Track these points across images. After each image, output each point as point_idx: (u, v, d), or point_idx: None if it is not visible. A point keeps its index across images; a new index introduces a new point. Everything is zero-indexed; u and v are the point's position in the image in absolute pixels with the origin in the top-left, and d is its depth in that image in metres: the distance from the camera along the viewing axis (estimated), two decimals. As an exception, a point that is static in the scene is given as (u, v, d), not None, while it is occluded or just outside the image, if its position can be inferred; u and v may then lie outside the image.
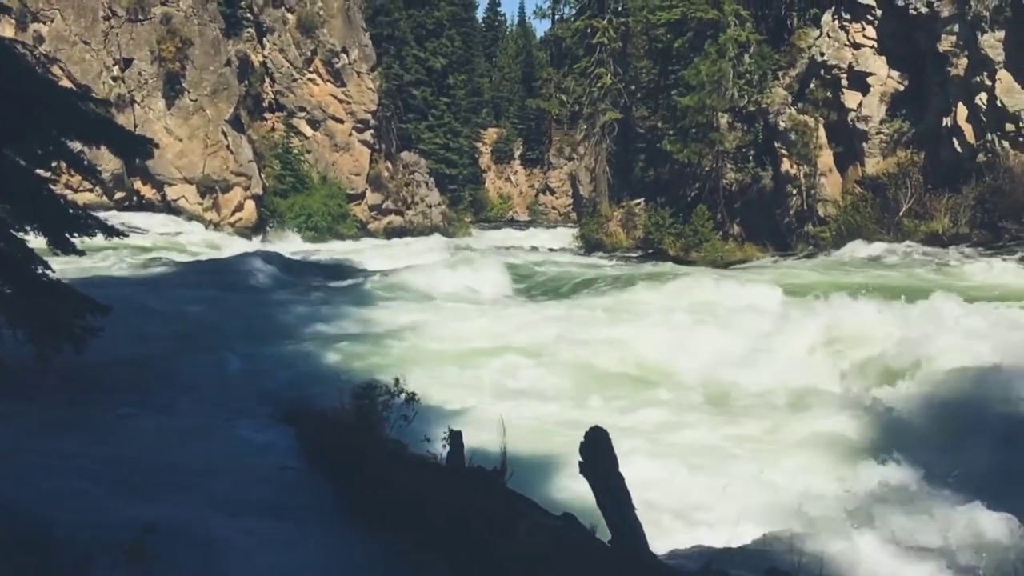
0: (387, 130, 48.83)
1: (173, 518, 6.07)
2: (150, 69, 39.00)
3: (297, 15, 44.01)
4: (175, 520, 6.02)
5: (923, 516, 7.31)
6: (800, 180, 32.41)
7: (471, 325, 15.96)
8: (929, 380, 10.73)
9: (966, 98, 28.18)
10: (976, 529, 7.01)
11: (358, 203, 45.91)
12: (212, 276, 22.37)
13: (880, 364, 11.85)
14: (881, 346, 12.38)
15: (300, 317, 16.66)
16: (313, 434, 8.87)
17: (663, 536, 6.50)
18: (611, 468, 5.59)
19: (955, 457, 8.59)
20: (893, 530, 6.92)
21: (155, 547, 4.55)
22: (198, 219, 39.12)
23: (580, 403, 11.33)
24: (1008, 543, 6.81)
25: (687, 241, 33.42)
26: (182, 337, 14.08)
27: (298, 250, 33.43)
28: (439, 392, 10.77)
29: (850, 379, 11.82)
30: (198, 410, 10.25)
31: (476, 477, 6.69)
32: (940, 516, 7.29)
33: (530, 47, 77.64)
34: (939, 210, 27.83)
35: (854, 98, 31.83)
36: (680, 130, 34.78)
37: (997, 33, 27.08)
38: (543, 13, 54.89)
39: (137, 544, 4.55)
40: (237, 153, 39.87)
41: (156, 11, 39.11)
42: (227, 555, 6.00)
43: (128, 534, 4.61)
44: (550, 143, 67.48)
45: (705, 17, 33.64)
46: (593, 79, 42.47)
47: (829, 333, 13.42)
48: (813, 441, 9.75)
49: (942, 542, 6.86)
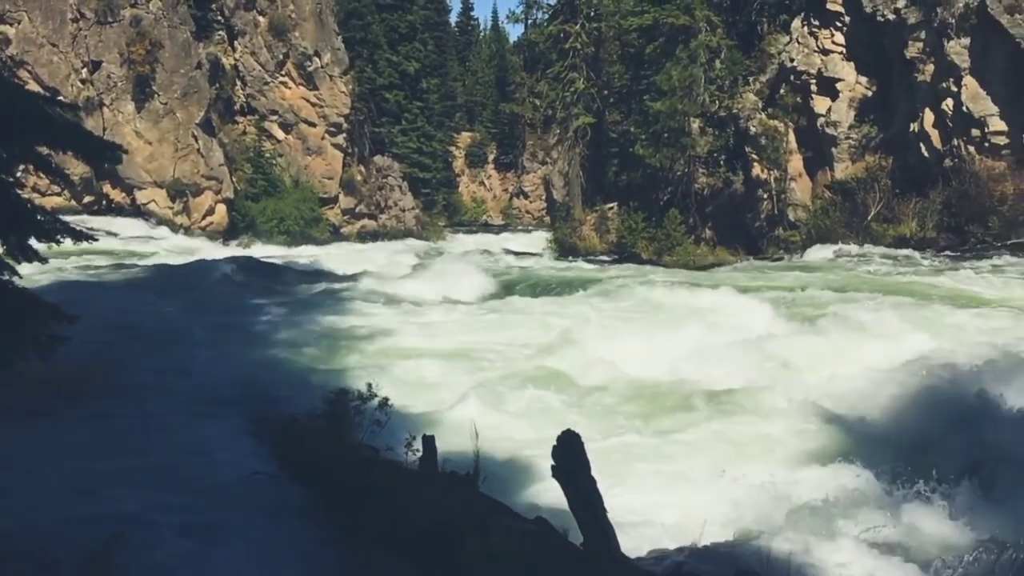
0: (360, 134, 48.65)
1: (140, 526, 6.00)
2: (119, 72, 38.59)
3: (269, 18, 43.75)
4: (142, 528, 5.96)
5: (888, 515, 7.41)
6: (770, 184, 32.74)
7: (444, 329, 15.94)
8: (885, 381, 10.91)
9: (933, 104, 28.62)
10: (939, 528, 7.12)
11: (331, 207, 45.69)
12: (182, 281, 22.15)
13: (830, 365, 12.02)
14: (827, 347, 12.65)
15: (271, 322, 16.56)
16: (285, 440, 8.82)
17: (633, 538, 6.53)
18: (583, 471, 5.63)
19: (918, 457, 8.71)
20: (859, 529, 7.01)
21: (121, 555, 4.51)
22: (168, 223, 38.75)
23: (553, 408, 11.34)
24: (970, 542, 6.93)
25: (660, 245, 33.61)
26: (149, 343, 13.92)
27: (270, 254, 33.19)
28: (412, 397, 10.74)
29: (801, 380, 11.92)
30: (166, 416, 10.15)
31: (449, 482, 6.70)
32: (905, 515, 7.39)
33: (503, 51, 77.73)
34: (907, 214, 28.24)
35: (823, 103, 32.22)
36: (652, 135, 34.99)
37: (963, 40, 27.53)
38: (516, 18, 55.01)
39: (102, 552, 4.50)
40: (208, 157, 39.54)
41: (125, 13, 38.70)
42: (195, 563, 5.95)
43: (93, 542, 4.56)
44: (524, 147, 67.62)
45: (677, 23, 33.88)
46: (566, 84, 42.61)
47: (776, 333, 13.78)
48: (772, 442, 9.83)
49: (907, 541, 6.96)
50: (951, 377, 10.75)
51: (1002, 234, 26.09)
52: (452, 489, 6.52)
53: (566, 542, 5.75)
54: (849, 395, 10.76)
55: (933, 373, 10.84)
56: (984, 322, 14.06)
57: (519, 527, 6.25)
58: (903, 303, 15.73)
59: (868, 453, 8.98)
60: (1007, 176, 26.65)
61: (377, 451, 7.75)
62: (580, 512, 5.53)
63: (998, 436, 9.02)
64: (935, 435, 9.45)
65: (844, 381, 11.21)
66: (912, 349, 12.01)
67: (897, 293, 17.16)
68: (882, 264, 24.04)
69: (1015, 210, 26.16)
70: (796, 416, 10.26)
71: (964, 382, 10.59)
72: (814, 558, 6.32)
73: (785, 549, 6.28)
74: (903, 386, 10.83)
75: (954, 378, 10.76)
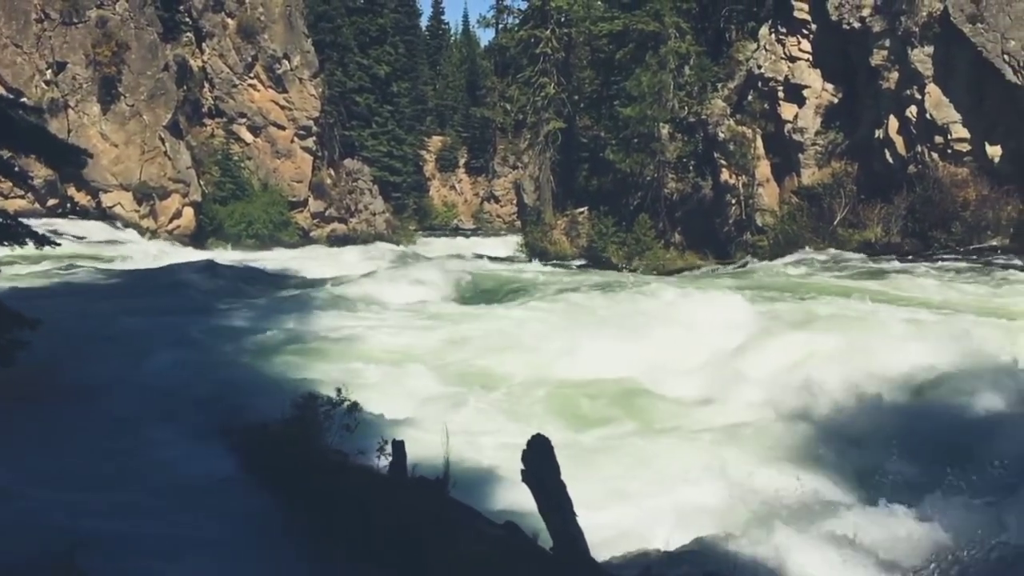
0: (330, 137, 48.42)
1: (105, 532, 5.92)
2: (85, 73, 38.07)
3: (237, 20, 43.40)
4: (108, 534, 5.89)
5: (856, 517, 7.50)
6: (739, 190, 33.05)
7: (413, 333, 15.89)
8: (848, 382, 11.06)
9: (897, 111, 29.06)
10: (906, 529, 7.21)
11: (300, 210, 45.42)
12: (148, 285, 21.91)
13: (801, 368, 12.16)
14: (783, 348, 12.83)
15: (238, 327, 16.40)
16: (253, 445, 8.74)
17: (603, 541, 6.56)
18: (553, 476, 5.64)
19: (886, 459, 8.83)
20: (824, 530, 7.08)
21: (86, 562, 4.44)
22: (135, 226, 38.29)
23: (523, 412, 11.35)
24: (938, 544, 7.02)
25: (630, 249, 33.79)
26: (116, 348, 13.73)
27: (238, 258, 32.90)
28: (381, 402, 10.68)
29: (760, 382, 12.04)
30: (133, 422, 10.02)
31: (419, 487, 6.68)
32: (872, 517, 7.48)
33: (474, 56, 77.64)
34: (872, 219, 28.62)
35: (790, 110, 32.60)
36: (622, 140, 35.19)
37: (926, 48, 28.00)
38: (487, 22, 54.94)
39: (67, 560, 4.43)
40: (175, 159, 39.14)
41: (91, 14, 38.20)
42: (163, 570, 5.88)
43: (58, 549, 4.49)
44: (495, 151, 67.59)
45: (646, 29, 34.12)
46: (537, 88, 42.74)
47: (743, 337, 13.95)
48: (736, 443, 9.91)
49: (875, 543, 7.04)
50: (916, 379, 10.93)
51: (964, 239, 26.56)
52: (421, 494, 6.51)
53: (535, 546, 5.76)
54: (812, 397, 10.88)
55: (897, 375, 11.00)
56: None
57: (488, 532, 6.25)
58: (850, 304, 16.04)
59: (836, 455, 9.09)
60: (969, 182, 27.14)
61: (347, 456, 7.71)
62: (549, 516, 5.54)
63: (966, 437, 9.20)
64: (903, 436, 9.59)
65: (808, 382, 11.34)
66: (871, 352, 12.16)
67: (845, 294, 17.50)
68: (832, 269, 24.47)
69: (977, 216, 26.64)
70: (760, 418, 10.35)
71: (927, 384, 10.79)
72: (781, 560, 6.39)
73: (752, 551, 6.34)
74: (869, 388, 10.99)
75: (920, 381, 10.95)
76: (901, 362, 11.47)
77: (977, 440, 9.23)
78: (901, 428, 9.65)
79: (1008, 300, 16.61)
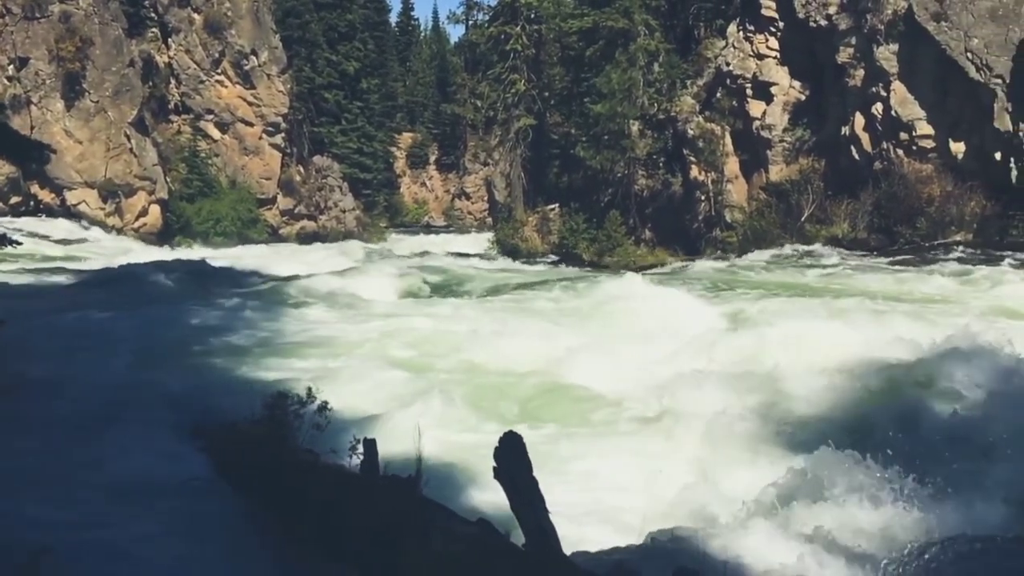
0: (299, 134, 48.07)
1: (70, 538, 5.82)
2: (48, 69, 37.44)
3: (204, 15, 42.93)
4: (72, 540, 5.78)
5: (823, 509, 7.57)
6: (708, 186, 33.27)
7: (384, 331, 15.81)
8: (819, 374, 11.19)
9: (863, 108, 29.43)
10: (879, 522, 7.28)
11: (269, 208, 45.04)
12: (114, 284, 21.60)
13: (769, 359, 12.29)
14: (772, 339, 12.97)
15: (206, 326, 16.21)
16: (222, 445, 8.64)
17: (575, 538, 6.57)
18: (525, 472, 5.63)
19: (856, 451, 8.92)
20: (794, 524, 7.15)
21: (49, 571, 4.35)
22: (100, 224, 37.75)
23: (493, 410, 11.34)
24: (906, 534, 7.10)
25: (600, 246, 33.88)
26: (81, 349, 13.52)
27: (205, 256, 32.54)
28: (353, 401, 10.62)
29: (725, 375, 12.16)
30: (100, 423, 9.85)
31: (390, 486, 6.64)
32: (844, 510, 7.55)
33: (444, 52, 77.48)
34: (839, 215, 28.98)
35: (758, 107, 32.88)
36: (593, 137, 35.27)
37: (892, 46, 28.38)
38: (457, 18, 54.77)
39: (30, 568, 4.34)
40: (141, 156, 38.63)
41: (54, 9, 37.58)
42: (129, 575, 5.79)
43: (19, 558, 4.39)
44: (465, 148, 67.53)
45: (616, 26, 34.21)
46: (507, 85, 42.67)
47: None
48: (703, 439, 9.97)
49: (841, 535, 7.11)
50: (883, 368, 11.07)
51: (929, 235, 26.97)
52: (393, 493, 6.47)
53: (508, 543, 5.76)
54: (784, 390, 10.98)
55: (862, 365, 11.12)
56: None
57: (461, 530, 6.23)
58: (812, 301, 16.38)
59: (805, 448, 9.16)
60: (934, 178, 27.57)
61: (317, 456, 7.65)
62: (521, 513, 5.53)
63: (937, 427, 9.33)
64: (873, 427, 9.70)
65: (776, 375, 11.44)
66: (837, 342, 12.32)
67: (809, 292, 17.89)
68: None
69: (941, 211, 27.06)
70: (727, 412, 10.41)
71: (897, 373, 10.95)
72: (752, 555, 6.44)
73: (723, 546, 6.38)
74: (836, 379, 11.10)
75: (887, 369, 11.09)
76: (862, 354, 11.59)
77: (942, 432, 9.36)
78: (867, 420, 9.77)
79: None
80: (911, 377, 11.01)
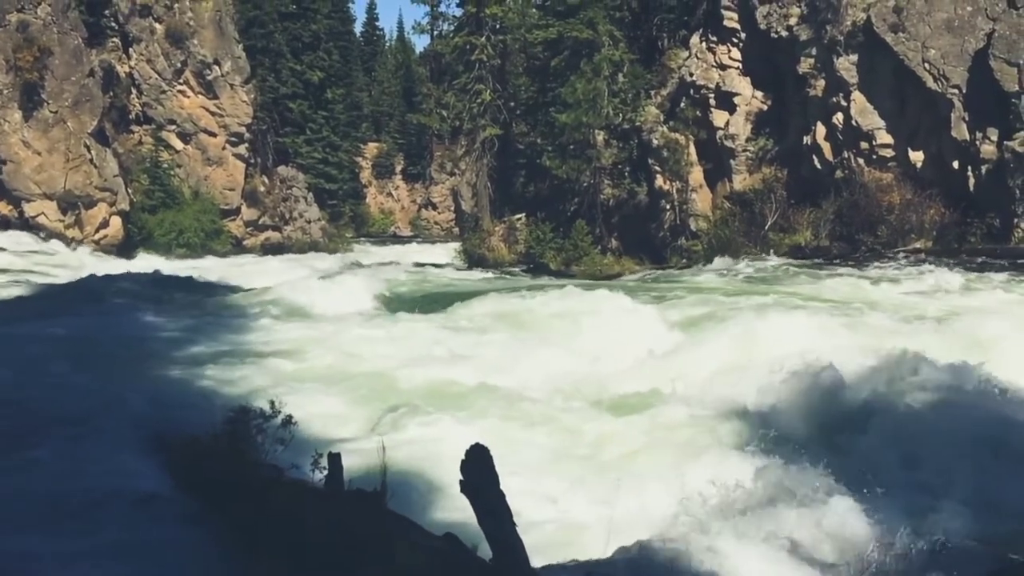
0: (263, 144, 47.67)
1: (24, 557, 5.65)
2: (5, 79, 36.77)
3: (165, 25, 42.46)
4: (26, 557, 5.61)
5: (792, 515, 7.60)
6: (673, 196, 33.52)
7: (350, 343, 15.66)
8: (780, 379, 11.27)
9: (824, 118, 29.84)
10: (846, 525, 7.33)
11: (233, 219, 44.55)
12: (73, 297, 21.20)
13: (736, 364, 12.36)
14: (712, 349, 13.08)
15: (167, 339, 15.94)
16: (183, 461, 8.47)
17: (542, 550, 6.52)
18: (491, 485, 5.58)
19: (821, 456, 8.98)
20: (761, 530, 7.16)
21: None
22: (59, 237, 37.05)
23: (463, 421, 11.25)
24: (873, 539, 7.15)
25: (567, 255, 33.98)
26: (37, 363, 13.22)
27: (168, 268, 32.07)
28: (317, 415, 10.49)
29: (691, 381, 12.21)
30: (55, 439, 9.60)
31: (355, 500, 6.55)
32: (812, 515, 7.59)
33: (410, 62, 77.36)
34: (802, 224, 29.34)
35: (722, 117, 33.22)
36: (558, 146, 35.41)
37: (851, 56, 28.82)
38: (422, 28, 54.59)
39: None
40: (101, 167, 38.03)
41: (11, 18, 36.92)
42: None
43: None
44: (431, 158, 67.43)
45: (580, 37, 34.40)
46: (473, 95, 42.67)
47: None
48: (670, 444, 9.99)
49: (808, 539, 7.15)
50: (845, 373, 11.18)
51: (890, 242, 27.38)
52: (358, 507, 6.38)
53: (475, 557, 5.70)
54: (746, 394, 11.03)
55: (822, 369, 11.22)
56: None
57: (427, 543, 6.16)
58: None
59: (772, 454, 9.20)
60: (893, 187, 28.01)
61: (281, 470, 7.53)
62: (488, 526, 5.48)
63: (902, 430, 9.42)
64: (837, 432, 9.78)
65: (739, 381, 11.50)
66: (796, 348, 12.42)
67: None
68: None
69: (901, 219, 27.49)
70: (694, 418, 10.45)
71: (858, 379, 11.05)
72: (719, 562, 6.43)
73: (689, 554, 6.37)
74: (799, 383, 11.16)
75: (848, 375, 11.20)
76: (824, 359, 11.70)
77: (906, 435, 9.45)
78: (833, 425, 9.84)
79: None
80: (874, 382, 11.12)
